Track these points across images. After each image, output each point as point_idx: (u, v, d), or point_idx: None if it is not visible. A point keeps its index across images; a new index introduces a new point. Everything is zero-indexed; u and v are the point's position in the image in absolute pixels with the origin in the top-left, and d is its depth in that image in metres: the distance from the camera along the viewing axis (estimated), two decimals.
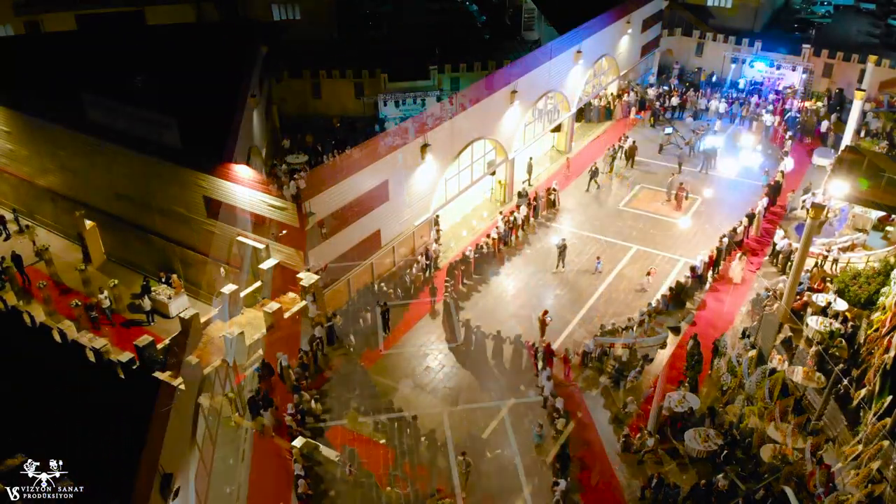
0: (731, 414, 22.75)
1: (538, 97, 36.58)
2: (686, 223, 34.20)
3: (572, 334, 27.26)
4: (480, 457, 21.65)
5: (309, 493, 19.42)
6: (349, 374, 24.76)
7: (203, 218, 27.00)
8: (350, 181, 25.41)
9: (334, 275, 26.35)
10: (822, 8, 66.05)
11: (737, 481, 17.06)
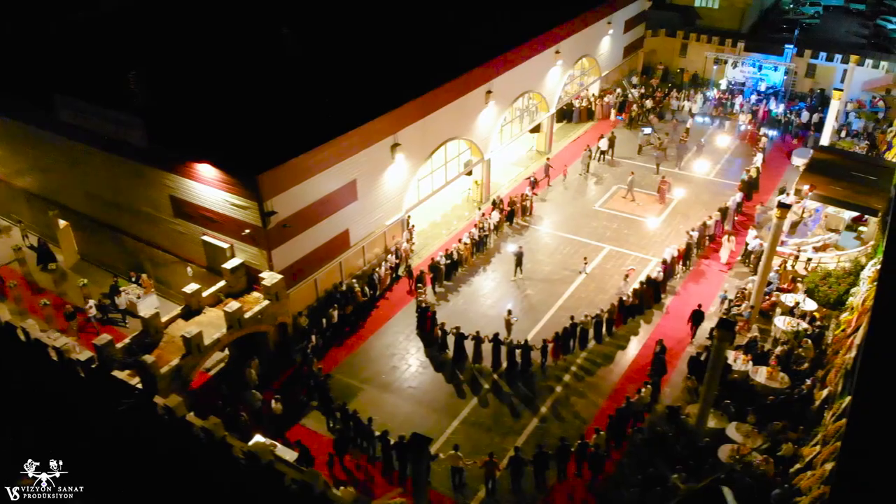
0: (691, 415, 22.64)
1: (515, 97, 36.54)
2: (660, 223, 34.15)
3: (540, 333, 27.17)
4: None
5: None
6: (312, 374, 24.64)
7: (170, 217, 26.97)
8: (315, 180, 25.32)
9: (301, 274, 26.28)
10: (812, 9, 66.02)
11: (675, 481, 16.95)
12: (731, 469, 19.47)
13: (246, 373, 24.37)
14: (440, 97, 30.44)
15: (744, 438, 21.51)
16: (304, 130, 25.64)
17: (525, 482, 21.03)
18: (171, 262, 28.39)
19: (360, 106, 27.57)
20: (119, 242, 29.99)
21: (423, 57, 32.48)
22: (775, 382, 23.54)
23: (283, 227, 24.58)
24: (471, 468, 21.09)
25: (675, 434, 22.15)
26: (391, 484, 21.58)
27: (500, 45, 33.78)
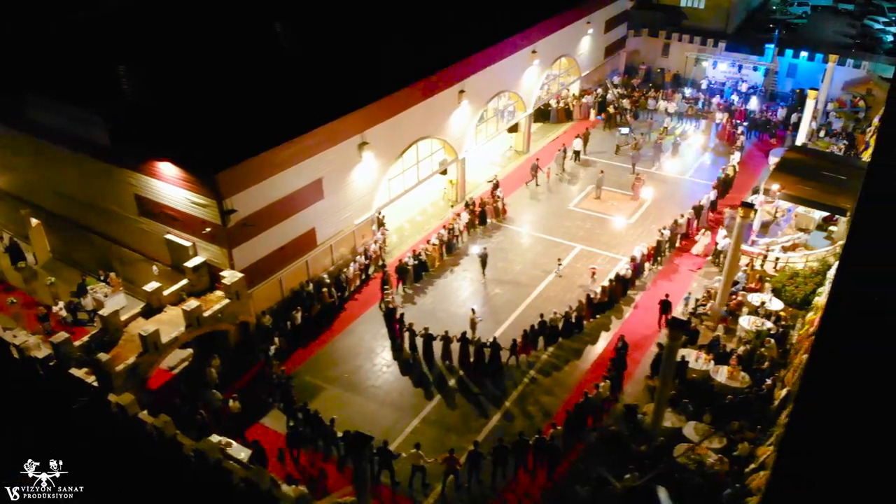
0: (649, 414, 22.57)
1: (490, 97, 36.50)
2: (633, 223, 34.11)
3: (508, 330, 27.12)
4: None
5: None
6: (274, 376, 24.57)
7: (135, 216, 26.97)
8: (278, 178, 25.28)
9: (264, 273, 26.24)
10: (800, 9, 65.99)
11: (610, 479, 16.87)
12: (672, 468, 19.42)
13: (206, 372, 24.34)
14: (410, 96, 30.42)
15: (700, 438, 21.43)
16: (269, 128, 25.56)
17: (484, 476, 21.11)
18: (138, 260, 28.40)
19: (328, 104, 27.50)
20: (88, 241, 29.99)
21: (394, 56, 32.40)
22: (736, 382, 23.47)
23: (244, 226, 24.53)
24: (432, 466, 21.07)
25: (631, 433, 22.10)
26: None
27: (472, 45, 33.72)
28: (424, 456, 20.90)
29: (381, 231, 31.64)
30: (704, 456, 20.75)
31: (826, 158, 32.78)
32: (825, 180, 29.34)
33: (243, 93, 27.80)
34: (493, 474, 21.04)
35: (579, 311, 27.28)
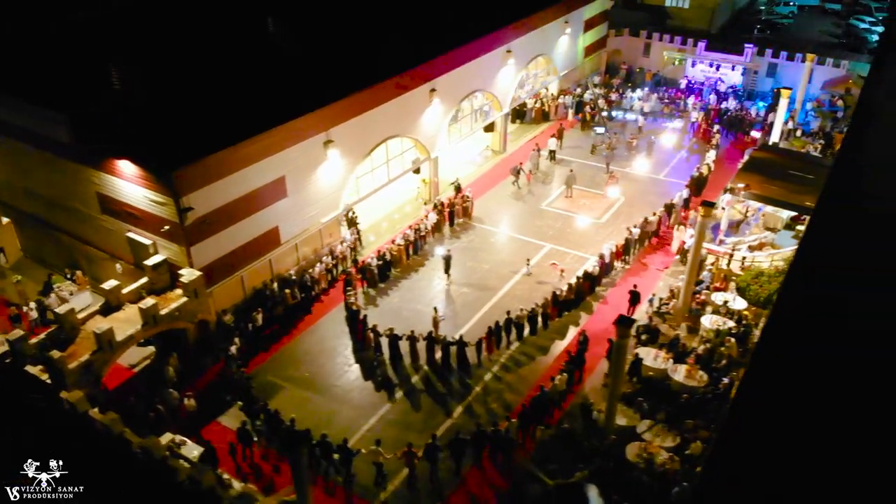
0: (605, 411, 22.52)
1: (463, 96, 36.46)
2: (604, 222, 34.06)
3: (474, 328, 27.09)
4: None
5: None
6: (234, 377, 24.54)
7: (98, 214, 26.97)
8: (239, 176, 25.26)
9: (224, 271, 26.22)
10: (786, 9, 65.90)
11: (543, 477, 16.83)
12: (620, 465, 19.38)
13: (164, 370, 24.33)
14: (378, 94, 30.37)
15: (653, 436, 21.40)
16: (229, 126, 25.54)
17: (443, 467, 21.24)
18: (103, 258, 28.41)
19: (291, 102, 27.46)
20: (56, 240, 30.02)
21: (363, 54, 32.40)
22: (693, 381, 23.41)
23: (203, 224, 24.53)
24: (391, 461, 21.08)
25: (585, 431, 22.06)
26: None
27: (444, 44, 33.67)
28: (384, 452, 20.95)
29: (351, 231, 31.59)
30: (656, 454, 20.69)
31: (794, 157, 32.70)
32: (792, 179, 29.27)
33: (206, 91, 27.80)
34: (454, 465, 21.22)
35: (545, 308, 27.28)
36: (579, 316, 28.11)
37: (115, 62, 27.24)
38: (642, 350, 24.69)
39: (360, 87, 29.17)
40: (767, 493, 13.63)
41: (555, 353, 26.23)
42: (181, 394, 23.42)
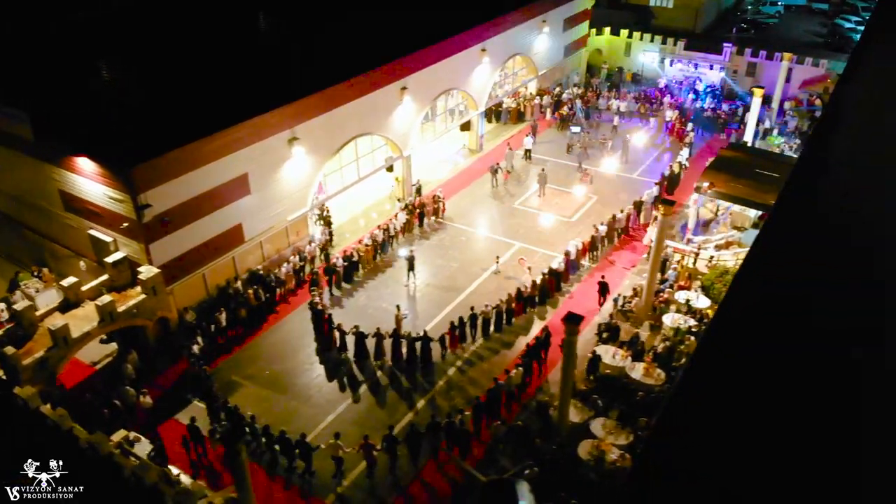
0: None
1: (436, 95, 36.45)
2: (575, 220, 34.06)
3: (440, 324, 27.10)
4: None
5: None
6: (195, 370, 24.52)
7: (61, 211, 26.99)
8: (199, 173, 25.24)
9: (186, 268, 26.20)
10: (773, 8, 65.88)
11: (474, 473, 16.77)
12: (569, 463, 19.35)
13: (122, 367, 24.33)
14: (346, 92, 30.34)
15: (606, 434, 21.36)
16: (190, 123, 25.55)
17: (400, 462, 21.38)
18: (68, 256, 28.43)
19: (255, 98, 27.46)
20: (24, 237, 30.05)
21: (331, 50, 32.38)
22: (651, 379, 23.38)
23: (162, 221, 24.53)
24: (349, 455, 21.11)
25: (540, 428, 22.05)
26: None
27: (415, 42, 33.65)
28: (343, 445, 20.97)
29: (321, 231, 31.48)
30: (607, 452, 20.66)
31: (762, 156, 32.65)
32: (758, 178, 29.21)
33: (169, 87, 27.80)
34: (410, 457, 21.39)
35: (509, 305, 27.29)
36: (546, 311, 28.16)
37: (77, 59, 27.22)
38: (601, 348, 24.67)
39: (326, 85, 29.12)
40: (696, 489, 13.64)
41: (519, 349, 26.22)
42: (138, 391, 23.42)
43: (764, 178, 29.06)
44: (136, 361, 24.65)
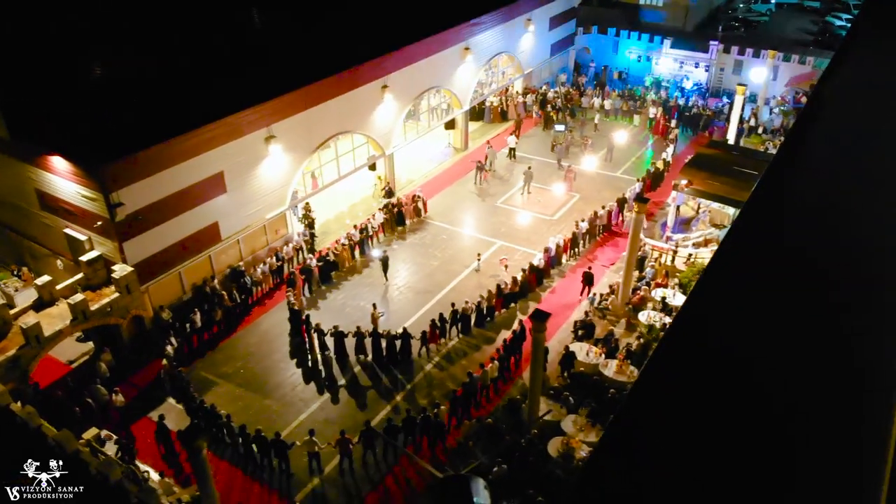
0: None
1: (419, 93, 36.44)
2: (556, 219, 34.04)
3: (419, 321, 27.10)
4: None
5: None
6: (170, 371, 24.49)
7: (38, 210, 27.01)
8: (173, 171, 25.22)
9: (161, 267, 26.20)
10: (764, 6, 65.80)
11: (432, 470, 16.78)
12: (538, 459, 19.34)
13: (96, 366, 24.36)
14: (325, 90, 30.33)
15: (576, 431, 21.34)
16: (164, 121, 25.53)
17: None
18: (46, 255, 28.46)
19: (233, 96, 27.43)
20: (4, 236, 30.08)
21: (311, 49, 32.33)
22: (623, 376, 23.36)
23: (135, 219, 24.54)
24: (326, 450, 21.14)
25: (511, 425, 22.05)
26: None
27: (396, 41, 33.63)
28: (318, 442, 21.01)
29: (299, 233, 31.28)
30: (577, 449, 20.65)
31: (740, 153, 32.61)
32: (736, 175, 29.17)
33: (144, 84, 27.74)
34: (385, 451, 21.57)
35: (489, 301, 27.29)
36: (528, 307, 28.08)
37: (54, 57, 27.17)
38: (575, 345, 24.65)
39: (303, 84, 29.12)
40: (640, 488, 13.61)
41: (498, 344, 26.20)
42: (111, 390, 23.44)
43: (742, 176, 29.01)
44: (110, 360, 24.66)
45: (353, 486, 20.87)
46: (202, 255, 27.51)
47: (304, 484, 20.96)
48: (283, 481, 21.04)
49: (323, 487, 20.87)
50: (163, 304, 26.37)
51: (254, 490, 20.87)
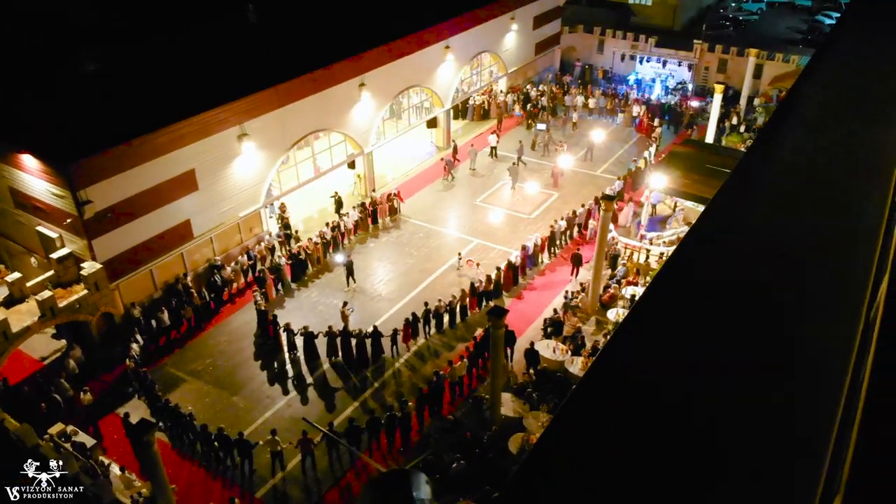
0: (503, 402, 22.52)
1: (398, 91, 36.54)
2: (534, 217, 34.10)
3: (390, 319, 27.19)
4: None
5: None
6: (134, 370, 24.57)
7: (12, 208, 27.16)
8: (143, 169, 25.34)
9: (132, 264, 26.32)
10: (755, 6, 65.75)
11: (376, 465, 16.85)
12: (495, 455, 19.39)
13: (65, 362, 24.50)
14: (300, 88, 30.40)
15: (537, 428, 21.39)
16: (134, 118, 25.67)
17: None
18: (21, 252, 28.60)
19: (203, 94, 27.56)
20: None
21: (285, 45, 32.47)
22: None
23: (106, 216, 24.67)
24: (288, 449, 21.22)
25: (474, 422, 22.13)
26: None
27: (373, 38, 33.71)
28: (281, 441, 21.08)
29: (270, 233, 31.27)
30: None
31: (714, 152, 32.61)
32: (708, 173, 29.19)
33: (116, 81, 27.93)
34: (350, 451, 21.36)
35: (462, 300, 27.32)
36: (504, 305, 28.09)
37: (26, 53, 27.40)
38: (541, 342, 24.70)
39: (278, 81, 29.21)
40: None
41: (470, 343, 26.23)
42: (78, 387, 23.57)
43: (715, 174, 28.99)
44: (79, 357, 24.81)
45: (313, 483, 20.97)
46: (174, 253, 27.62)
47: (266, 481, 21.06)
48: (245, 479, 21.12)
49: (284, 484, 20.97)
50: (134, 302, 26.48)
51: (216, 487, 20.97)
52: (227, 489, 20.93)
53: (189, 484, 20.91)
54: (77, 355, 24.81)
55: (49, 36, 28.78)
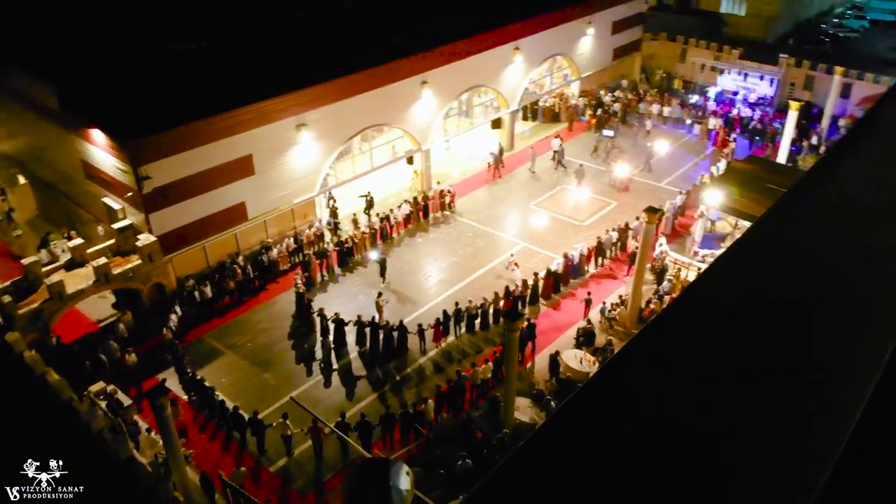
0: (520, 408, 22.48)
1: (462, 90, 36.77)
2: (586, 226, 33.60)
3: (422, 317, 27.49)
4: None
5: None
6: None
7: (83, 179, 29.06)
8: (203, 150, 26.62)
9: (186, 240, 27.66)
10: (857, 23, 62.52)
11: (366, 454, 17.06)
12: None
13: (116, 325, 26.05)
14: (361, 82, 31.11)
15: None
16: (198, 102, 26.95)
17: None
18: (91, 220, 30.56)
19: (267, 82, 28.63)
20: (59, 201, 32.51)
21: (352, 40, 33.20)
22: None
23: (162, 193, 26.07)
24: (297, 435, 21.89)
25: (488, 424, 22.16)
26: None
27: (439, 37, 34.02)
28: (291, 426, 21.75)
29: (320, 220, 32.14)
30: None
31: (775, 171, 31.21)
32: (765, 192, 28.01)
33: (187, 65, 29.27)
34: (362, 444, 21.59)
35: (495, 303, 27.28)
36: (539, 311, 27.98)
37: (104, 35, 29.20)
38: (569, 352, 24.43)
39: (339, 75, 30.00)
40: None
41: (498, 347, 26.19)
42: (125, 349, 25.01)
43: (772, 194, 27.83)
44: (129, 322, 26.30)
45: (318, 469, 21.40)
46: (228, 233, 28.85)
47: (273, 462, 21.68)
48: (255, 457, 21.81)
49: (289, 465, 21.53)
50: (189, 275, 27.82)
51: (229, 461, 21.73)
52: (235, 462, 21.67)
53: (206, 451, 21.83)
54: (127, 320, 26.30)
55: (129, 17, 30.52)
